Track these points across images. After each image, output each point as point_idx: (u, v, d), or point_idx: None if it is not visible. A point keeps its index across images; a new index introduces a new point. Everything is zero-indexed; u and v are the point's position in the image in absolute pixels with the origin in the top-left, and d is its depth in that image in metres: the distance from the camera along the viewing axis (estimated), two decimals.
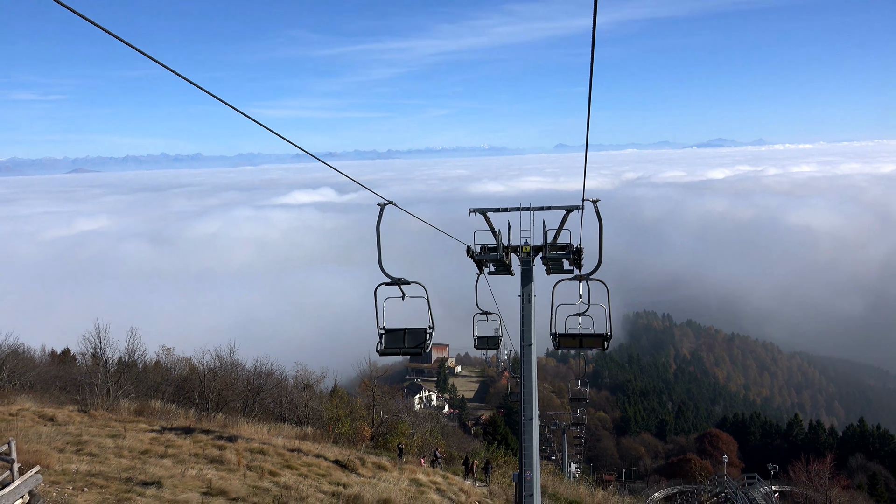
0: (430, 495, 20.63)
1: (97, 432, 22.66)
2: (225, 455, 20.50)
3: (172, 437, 23.56)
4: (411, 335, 15.45)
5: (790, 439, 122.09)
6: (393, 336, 15.40)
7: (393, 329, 15.52)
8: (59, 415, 26.27)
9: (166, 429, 25.51)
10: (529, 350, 22.54)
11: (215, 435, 25.13)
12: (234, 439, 24.66)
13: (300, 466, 21.62)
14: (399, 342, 15.44)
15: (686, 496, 67.06)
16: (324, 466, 22.65)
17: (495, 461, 37.82)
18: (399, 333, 15.40)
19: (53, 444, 19.60)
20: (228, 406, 43.54)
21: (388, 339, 15.48)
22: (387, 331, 15.48)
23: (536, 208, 22.21)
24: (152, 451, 20.07)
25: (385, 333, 15.46)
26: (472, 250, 22.48)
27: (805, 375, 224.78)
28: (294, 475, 20.22)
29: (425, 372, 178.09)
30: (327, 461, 24.02)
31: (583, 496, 31.80)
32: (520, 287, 22.93)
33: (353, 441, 41.39)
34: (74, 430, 22.49)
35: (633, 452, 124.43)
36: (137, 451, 20.13)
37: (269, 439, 27.02)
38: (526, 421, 21.96)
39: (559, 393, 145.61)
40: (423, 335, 15.62)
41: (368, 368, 53.69)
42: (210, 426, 28.70)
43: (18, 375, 45.70)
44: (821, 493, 51.53)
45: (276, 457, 22.50)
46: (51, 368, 56.40)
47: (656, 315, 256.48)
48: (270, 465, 20.41)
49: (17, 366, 47.09)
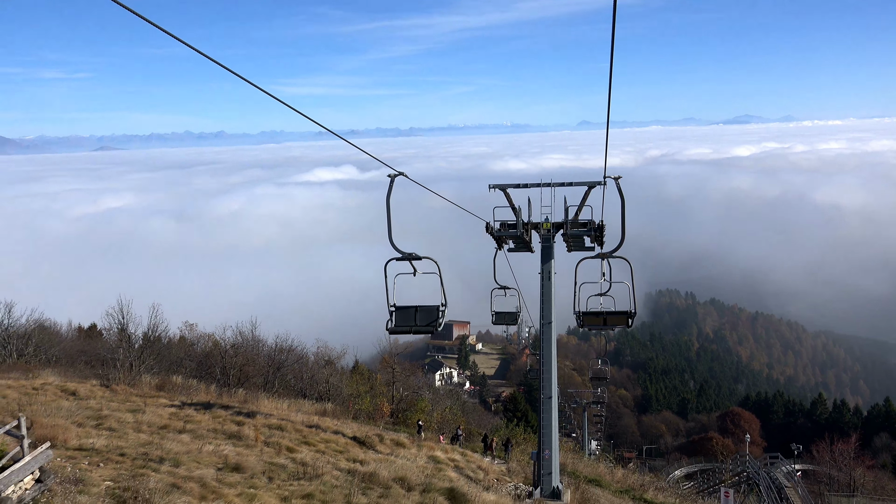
0: (447, 473, 20.51)
1: (117, 407, 22.82)
2: (243, 431, 20.53)
3: (192, 412, 23.66)
4: (423, 313, 14.92)
5: (814, 419, 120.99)
6: (404, 314, 14.93)
7: (404, 306, 15.02)
8: (82, 389, 26.51)
9: (186, 404, 25.63)
10: (549, 328, 22.29)
11: (234, 411, 25.22)
12: (253, 415, 24.72)
13: (318, 443, 21.61)
14: (410, 320, 14.92)
15: (707, 475, 66.68)
16: (342, 443, 22.63)
17: (515, 439, 37.74)
18: (410, 311, 14.92)
19: (74, 419, 19.73)
20: (249, 382, 43.87)
21: (399, 317, 14.99)
22: (397, 308, 14.97)
23: (557, 184, 21.82)
24: (171, 427, 20.15)
25: (396, 311, 14.96)
26: (491, 227, 22.16)
27: (830, 354, 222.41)
28: (312, 451, 20.21)
29: (446, 349, 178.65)
30: (345, 438, 24.01)
31: (602, 474, 31.59)
32: (539, 264, 22.63)
33: (373, 417, 41.51)
34: (95, 404, 22.65)
35: (654, 430, 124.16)
36: (156, 426, 20.22)
37: (289, 415, 27.08)
38: (545, 399, 21.80)
39: (580, 370, 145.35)
40: (435, 313, 15.06)
41: (388, 345, 53.66)
42: (230, 402, 28.83)
43: (44, 350, 46.40)
44: (845, 472, 50.92)
45: (294, 433, 22.51)
46: (76, 343, 57.14)
47: (679, 293, 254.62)
48: (288, 442, 20.41)
49: (43, 340, 47.79)
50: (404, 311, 14.97)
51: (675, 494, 30.92)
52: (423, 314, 14.94)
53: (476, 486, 20.83)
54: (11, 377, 29.54)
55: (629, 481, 30.43)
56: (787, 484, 46.36)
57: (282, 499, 13.01)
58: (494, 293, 23.49)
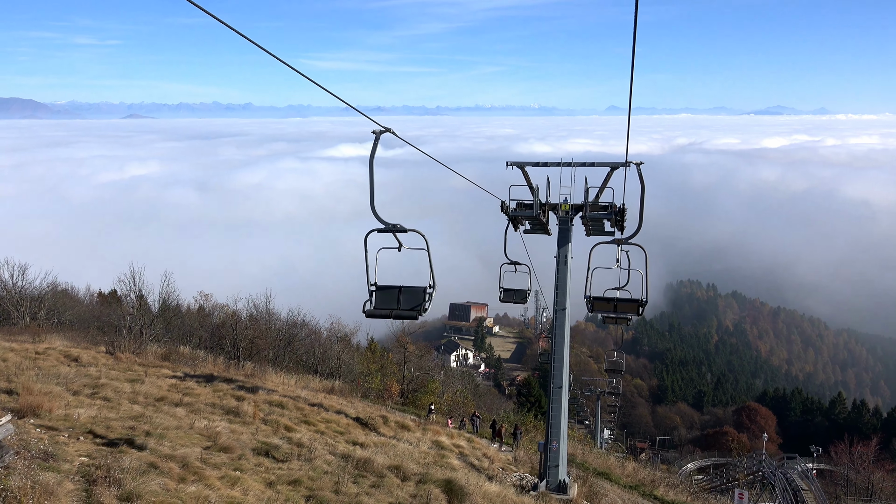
0: (450, 460, 19.77)
1: (117, 375, 22.30)
2: (241, 407, 19.89)
3: (192, 384, 23.09)
4: (408, 295, 12.99)
5: (832, 418, 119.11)
6: (385, 295, 13.08)
7: (386, 286, 13.18)
8: (85, 356, 26.07)
9: (189, 376, 25.11)
10: (563, 315, 21.38)
11: (237, 385, 24.64)
12: (256, 390, 24.13)
13: (318, 423, 20.93)
14: (392, 303, 12.99)
15: (721, 470, 65.65)
16: (343, 424, 21.95)
17: (524, 426, 36.99)
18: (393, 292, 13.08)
19: (70, 386, 19.20)
20: (260, 355, 43.49)
21: (380, 299, 13.07)
22: (378, 288, 13.12)
23: (578, 164, 20.83)
24: (168, 399, 19.56)
25: (376, 291, 13.11)
26: (506, 205, 21.24)
27: (851, 353, 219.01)
28: (310, 431, 19.55)
29: (463, 330, 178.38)
30: (348, 418, 23.33)
31: (612, 467, 30.74)
32: (556, 247, 21.69)
33: (382, 397, 41.00)
34: (95, 372, 22.15)
35: (669, 422, 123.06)
36: (154, 397, 19.64)
37: (293, 392, 26.47)
38: (555, 389, 20.94)
39: (597, 358, 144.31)
40: (421, 295, 12.97)
41: (401, 324, 52.93)
42: (235, 375, 28.31)
43: (57, 314, 46.33)
44: (863, 475, 49.71)
45: (296, 411, 21.86)
46: (92, 308, 57.11)
47: (700, 284, 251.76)
48: (287, 420, 19.74)
49: (57, 304, 47.72)
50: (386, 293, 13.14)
51: (687, 492, 30.05)
52: (407, 296, 13.03)
53: (479, 475, 20.10)
54: (18, 340, 29.24)
55: (640, 476, 29.56)
56: (804, 486, 45.25)
57: (267, 483, 12.30)
58: (504, 269, 22.39)
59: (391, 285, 13.16)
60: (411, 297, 12.99)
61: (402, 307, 12.98)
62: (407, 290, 13.09)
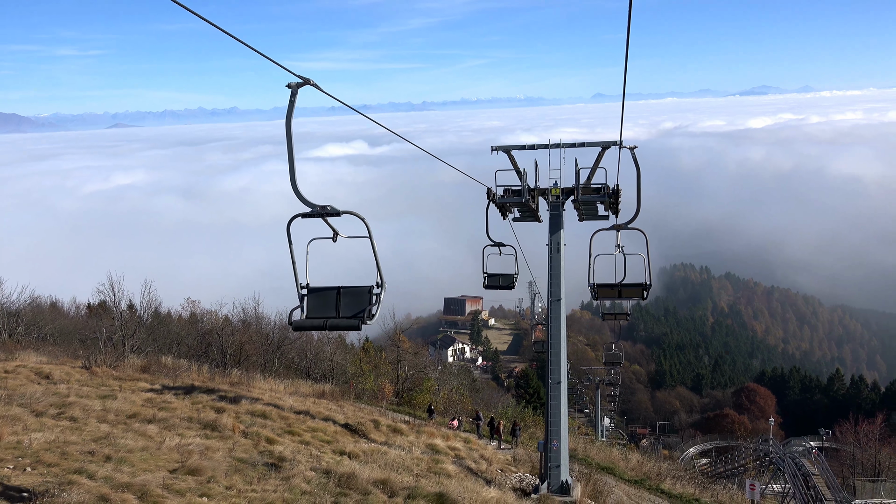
0: (445, 465, 18.59)
1: (89, 392, 21.00)
2: (220, 420, 18.63)
3: (170, 397, 21.80)
4: (349, 298, 9.77)
5: (831, 395, 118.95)
6: (320, 300, 9.82)
7: (321, 289, 9.95)
8: (58, 372, 24.74)
9: (167, 388, 23.82)
10: (558, 306, 20.23)
11: (219, 395, 23.35)
12: (238, 400, 22.84)
13: (303, 432, 19.69)
14: (328, 309, 9.78)
15: (724, 455, 64.84)
16: (330, 432, 20.71)
17: (523, 421, 35.91)
18: (330, 296, 9.81)
19: (34, 407, 17.93)
20: (248, 361, 42.17)
21: (313, 305, 9.84)
22: (311, 291, 9.91)
23: (567, 145, 19.66)
24: (140, 415, 18.28)
25: (308, 294, 9.90)
26: (493, 192, 20.06)
27: (846, 329, 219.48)
28: (294, 443, 18.32)
29: (459, 324, 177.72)
30: (336, 426, 22.10)
31: (616, 461, 29.68)
32: (548, 235, 20.52)
33: (376, 398, 39.80)
34: (65, 389, 20.84)
35: (668, 406, 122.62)
36: (125, 414, 18.36)
37: (278, 399, 25.21)
38: (553, 385, 19.79)
39: (594, 346, 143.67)
40: (365, 298, 9.75)
41: (393, 320, 51.72)
42: (219, 384, 27.03)
43: (38, 328, 44.85)
44: (869, 454, 48.87)
45: (279, 421, 20.60)
46: (78, 321, 55.63)
47: (694, 267, 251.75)
48: (269, 432, 18.50)
49: (37, 318, 46.26)
50: (321, 297, 9.86)
51: (694, 483, 29.02)
52: (348, 300, 9.79)
53: (476, 480, 18.94)
54: None
55: (644, 469, 28.50)
56: (814, 472, 44.37)
57: None
58: (487, 251, 20.75)
59: (327, 287, 10.01)
60: (353, 301, 9.82)
61: (342, 313, 9.81)
62: (348, 293, 9.93)
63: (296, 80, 8.18)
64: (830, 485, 42.10)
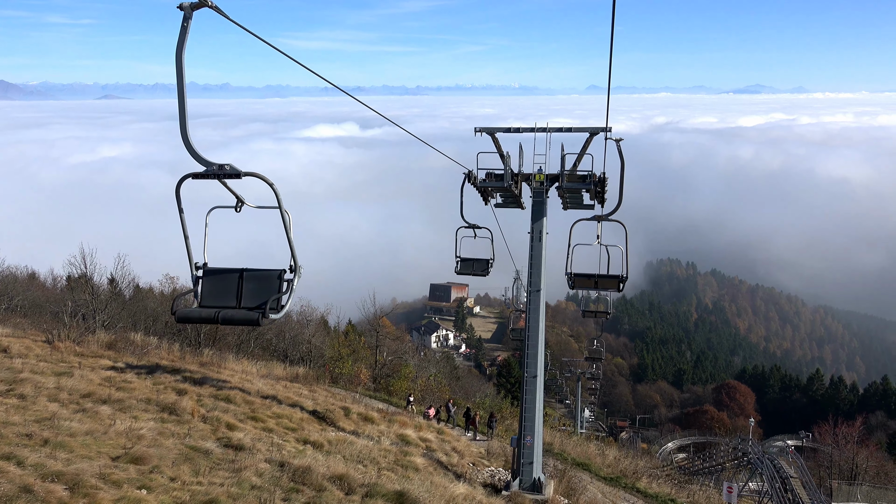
0: (413, 458, 17.81)
1: (45, 368, 20.04)
2: (180, 403, 17.74)
3: (132, 377, 20.86)
4: (254, 284, 7.90)
5: (810, 394, 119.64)
6: (218, 284, 7.94)
7: (221, 270, 8.12)
8: (17, 345, 23.69)
9: (131, 366, 22.86)
10: (537, 296, 19.46)
11: (184, 376, 22.44)
12: (203, 382, 21.95)
13: (268, 419, 18.83)
14: (228, 296, 7.87)
15: (702, 452, 64.72)
16: (296, 419, 19.86)
17: (500, 413, 35.23)
18: (231, 280, 7.91)
19: None
20: (224, 341, 41.20)
21: (210, 290, 7.97)
22: (208, 272, 8.06)
23: (553, 129, 18.85)
24: (95, 395, 17.36)
25: (205, 277, 8.05)
26: (474, 176, 19.21)
27: (828, 329, 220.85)
28: (257, 430, 17.47)
29: (444, 311, 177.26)
30: (303, 412, 21.27)
31: (592, 457, 29.08)
32: (530, 222, 19.72)
33: (353, 383, 39.05)
34: (20, 365, 19.85)
35: (649, 400, 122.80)
36: (79, 393, 17.44)
37: (247, 382, 24.34)
38: (529, 379, 19.05)
39: (577, 337, 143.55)
40: (274, 284, 7.93)
41: (373, 305, 50.88)
42: (185, 364, 26.10)
43: (7, 299, 43.70)
44: (846, 456, 48.73)
45: (244, 405, 19.72)
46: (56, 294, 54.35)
47: (680, 263, 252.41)
48: (231, 417, 17.63)
49: (7, 289, 45.11)
50: (220, 280, 7.94)
51: (671, 483, 28.48)
52: (253, 286, 7.89)
53: (446, 474, 18.21)
54: None
55: (621, 466, 27.91)
56: (793, 474, 44.18)
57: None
58: (461, 233, 19.64)
59: (229, 269, 8.14)
60: (260, 288, 7.87)
61: (243, 303, 7.81)
62: (254, 277, 7.96)
63: (188, 1, 6.49)
64: (807, 486, 41.88)
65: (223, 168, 7.11)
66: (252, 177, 7.24)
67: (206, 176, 7.21)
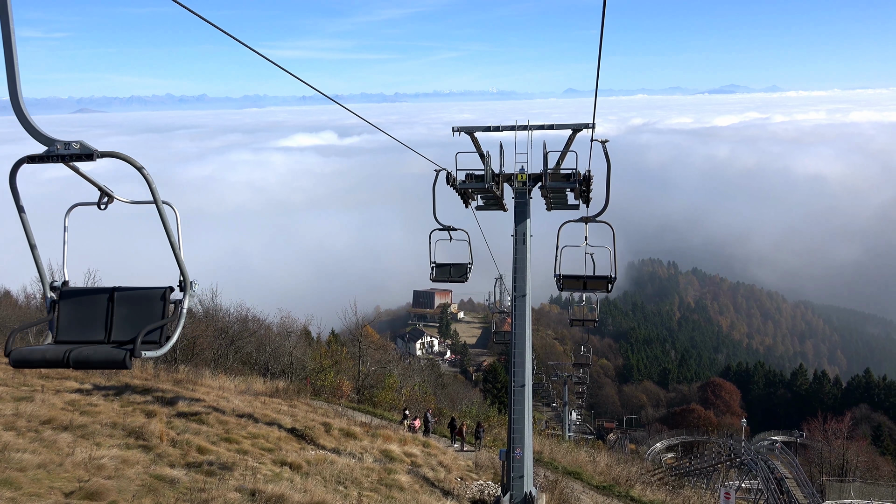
0: (398, 476, 16.90)
1: (4, 393, 18.88)
2: (149, 426, 16.71)
3: (98, 398, 19.75)
4: (129, 309, 5.89)
5: (794, 389, 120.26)
6: (80, 309, 5.92)
7: (86, 291, 6.19)
8: None
9: (98, 387, 21.74)
10: (523, 302, 18.62)
11: (154, 395, 21.37)
12: (175, 401, 20.88)
13: (243, 439, 17.84)
14: (93, 325, 5.80)
15: (691, 451, 64.23)
16: (273, 438, 18.86)
17: (488, 422, 34.32)
18: (97, 302, 5.94)
19: None
20: (201, 356, 39.97)
21: (69, 317, 5.86)
22: (65, 294, 6.06)
23: (535, 127, 18.04)
24: (56, 421, 16.27)
25: (61, 300, 5.98)
26: (453, 178, 18.37)
27: (809, 324, 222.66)
28: (231, 452, 16.47)
29: (428, 317, 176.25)
30: (282, 430, 20.26)
31: (583, 464, 28.31)
32: (512, 225, 18.90)
33: (335, 395, 37.99)
34: None
35: (635, 400, 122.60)
36: (39, 419, 16.33)
37: (223, 399, 23.27)
38: (517, 388, 18.17)
39: (562, 340, 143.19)
40: (158, 308, 5.88)
41: (355, 315, 49.78)
42: (158, 383, 24.97)
43: None
44: (837, 452, 48.44)
45: (217, 426, 18.70)
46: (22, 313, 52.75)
47: (661, 262, 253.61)
48: (203, 440, 16.63)
49: None
50: (82, 304, 5.94)
51: (665, 489, 27.77)
52: (128, 312, 5.87)
53: (432, 491, 17.30)
54: None
55: (614, 473, 27.15)
56: (787, 475, 43.75)
57: None
58: (435, 237, 18.49)
59: (96, 288, 6.20)
60: (135, 313, 5.89)
61: (113, 335, 5.79)
62: (127, 298, 5.99)
63: None
64: (801, 484, 41.46)
65: (69, 146, 5.17)
66: (110, 157, 5.39)
67: (48, 159, 5.26)
